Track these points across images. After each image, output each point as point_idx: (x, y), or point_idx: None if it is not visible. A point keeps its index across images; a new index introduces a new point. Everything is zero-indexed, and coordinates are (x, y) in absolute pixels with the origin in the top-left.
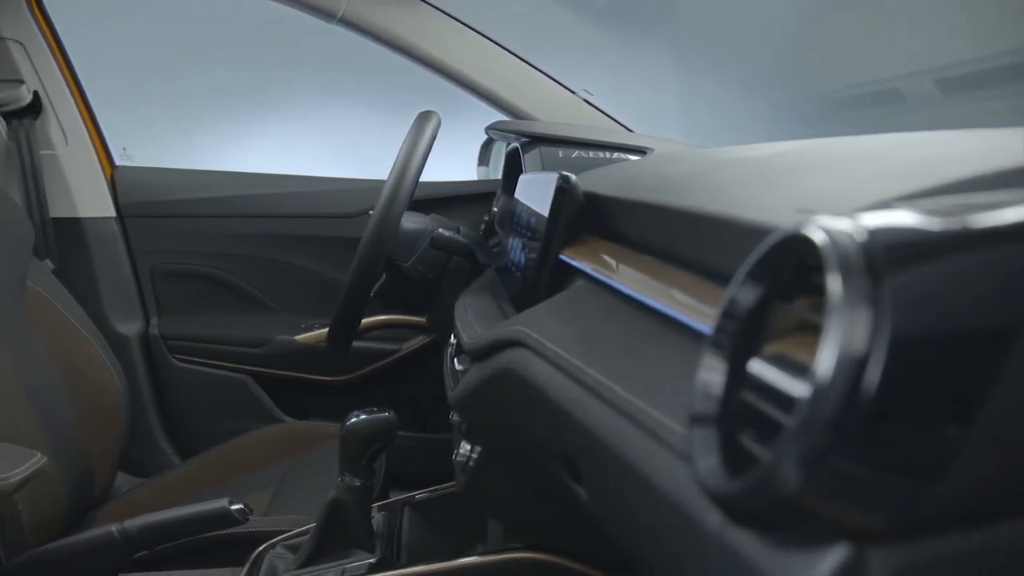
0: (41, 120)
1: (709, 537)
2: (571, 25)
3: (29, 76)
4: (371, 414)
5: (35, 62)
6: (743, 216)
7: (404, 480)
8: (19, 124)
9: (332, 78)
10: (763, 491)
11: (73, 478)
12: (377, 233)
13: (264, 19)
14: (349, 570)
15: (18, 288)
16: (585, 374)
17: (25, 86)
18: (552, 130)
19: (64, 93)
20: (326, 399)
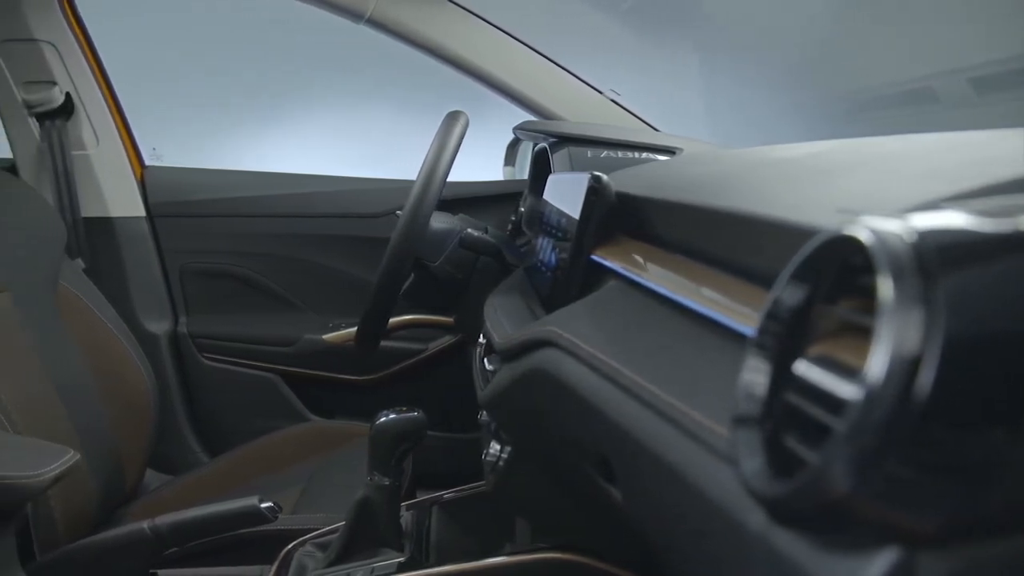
0: (73, 121)
1: (752, 538)
2: (598, 25)
3: (61, 77)
4: (400, 413)
5: (67, 63)
6: (783, 217)
7: (430, 480)
8: (51, 125)
9: (357, 79)
10: (812, 493)
11: (104, 475)
12: (406, 233)
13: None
14: (378, 569)
15: (50, 287)
16: (620, 374)
17: (57, 87)
18: (580, 130)
19: (95, 94)
20: (353, 398)
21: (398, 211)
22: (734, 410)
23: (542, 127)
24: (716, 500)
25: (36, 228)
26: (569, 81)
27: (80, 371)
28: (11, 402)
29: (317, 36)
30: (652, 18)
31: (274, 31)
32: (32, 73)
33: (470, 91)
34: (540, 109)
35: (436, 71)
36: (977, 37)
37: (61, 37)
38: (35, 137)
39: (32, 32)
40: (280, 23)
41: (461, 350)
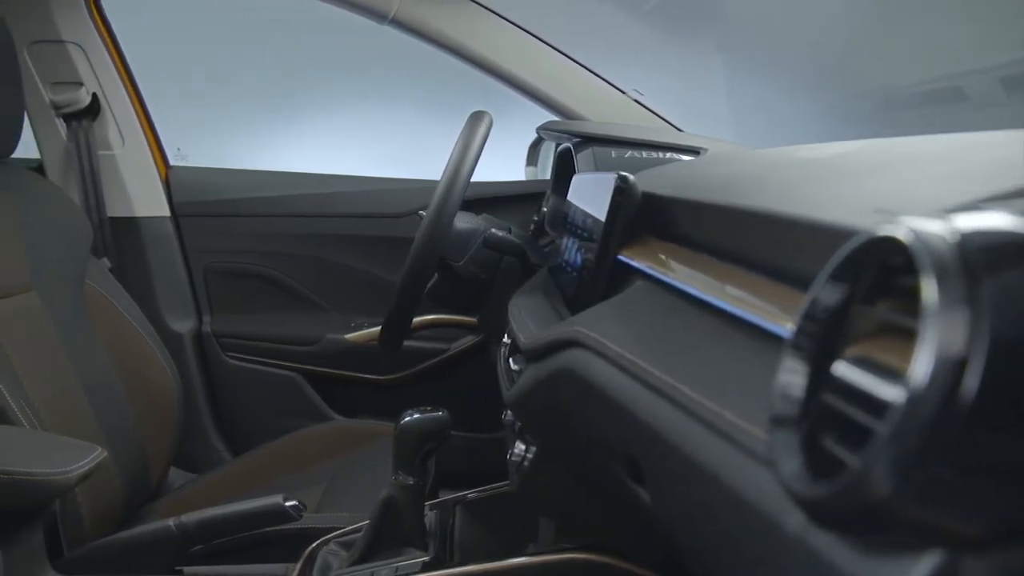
0: (99, 121)
1: (790, 540)
2: (621, 25)
3: (88, 78)
4: (425, 413)
5: (94, 64)
6: (817, 217)
7: (452, 479)
8: (78, 125)
9: (377, 79)
10: (853, 495)
11: (129, 473)
12: (430, 233)
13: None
14: (402, 568)
15: (77, 286)
16: (650, 374)
17: (84, 88)
18: (605, 130)
19: (121, 94)
20: (375, 397)
21: (421, 211)
22: (770, 411)
23: (566, 127)
24: (751, 501)
25: (63, 228)
26: (592, 81)
27: (106, 369)
28: (39, 400)
29: (339, 36)
30: (674, 18)
31: (295, 31)
32: (59, 74)
33: (491, 91)
34: (563, 109)
35: (457, 72)
36: (1006, 35)
37: (88, 38)
38: (62, 137)
39: (60, 33)
40: (302, 23)
41: (483, 350)
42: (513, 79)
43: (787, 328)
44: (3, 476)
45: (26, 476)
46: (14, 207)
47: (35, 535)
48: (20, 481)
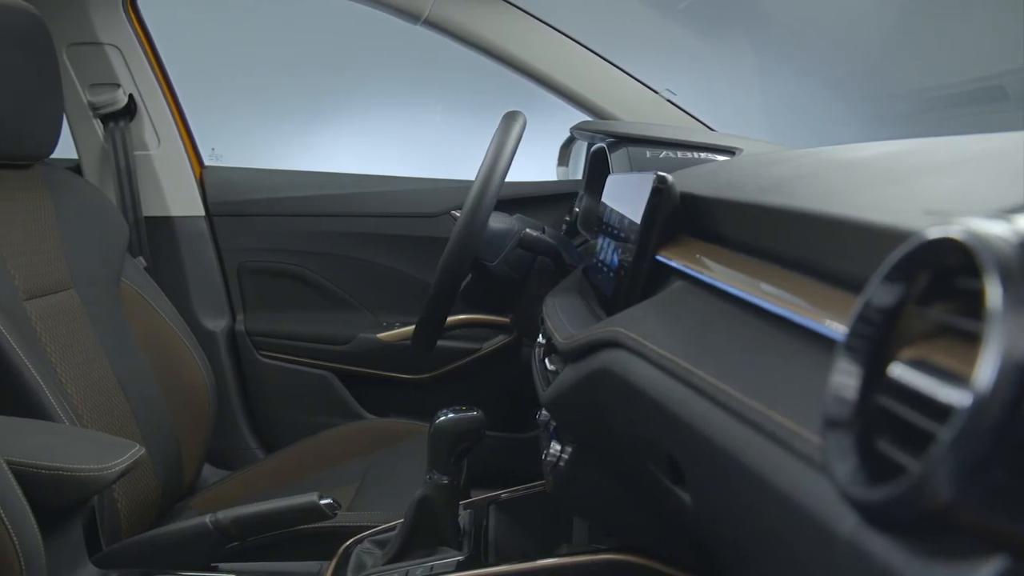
0: (135, 122)
1: (843, 544)
2: (654, 25)
3: (125, 79)
4: (459, 412)
5: (130, 66)
6: (868, 219)
7: (483, 479)
8: (115, 126)
9: (409, 79)
10: (914, 500)
11: (164, 470)
12: (465, 233)
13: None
14: (437, 567)
15: (114, 285)
16: (692, 374)
17: (121, 89)
18: (639, 130)
19: (157, 95)
20: (406, 396)
21: (453, 211)
22: (823, 413)
23: (600, 127)
24: (801, 503)
25: (100, 227)
26: (624, 81)
27: (142, 367)
28: (77, 396)
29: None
30: (708, 17)
31: (327, 31)
32: (97, 75)
33: (522, 92)
34: (595, 109)
35: (486, 72)
36: None
37: (125, 40)
38: (99, 138)
39: (98, 35)
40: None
41: (515, 350)
42: (545, 79)
43: (833, 329)
44: (45, 471)
45: (68, 472)
46: (53, 207)
47: (75, 530)
48: (62, 477)
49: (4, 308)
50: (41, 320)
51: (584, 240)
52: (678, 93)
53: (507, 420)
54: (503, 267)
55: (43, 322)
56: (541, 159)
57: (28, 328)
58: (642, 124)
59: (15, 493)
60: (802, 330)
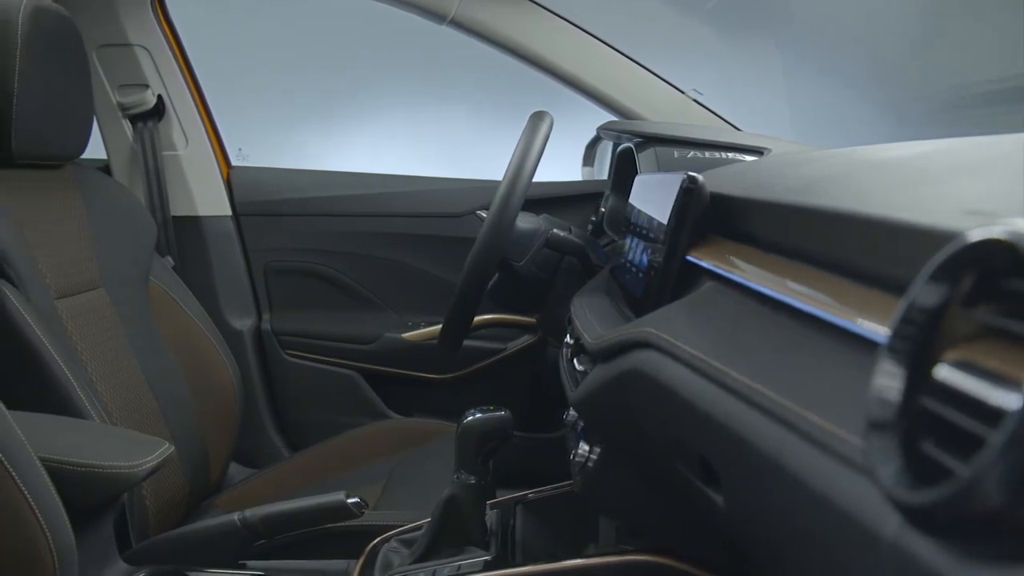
0: (164, 122)
1: (886, 547)
2: (680, 25)
3: (154, 80)
4: (487, 412)
5: (159, 67)
6: (906, 219)
7: (507, 478)
8: (144, 126)
9: (433, 79)
10: (963, 504)
11: (191, 468)
12: (493, 232)
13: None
14: (464, 567)
15: (142, 284)
16: (726, 375)
17: (150, 90)
18: (667, 130)
19: (185, 96)
20: (432, 396)
21: (479, 211)
22: (866, 415)
23: (628, 127)
24: (842, 505)
25: (129, 226)
26: (651, 80)
27: (170, 366)
28: (107, 394)
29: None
30: (734, 17)
31: (351, 31)
32: (126, 76)
33: (547, 92)
34: (621, 109)
35: (509, 72)
36: None
37: (154, 41)
38: (128, 138)
39: (127, 37)
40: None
41: (540, 350)
42: (571, 79)
43: (870, 329)
44: (77, 468)
45: (99, 469)
46: (84, 206)
47: (106, 527)
48: (93, 474)
49: (36, 307)
50: (72, 319)
51: (610, 240)
52: (704, 93)
53: (531, 420)
54: (530, 267)
55: (73, 321)
56: (565, 160)
57: (59, 327)
58: (670, 124)
59: (48, 490)
60: (836, 330)
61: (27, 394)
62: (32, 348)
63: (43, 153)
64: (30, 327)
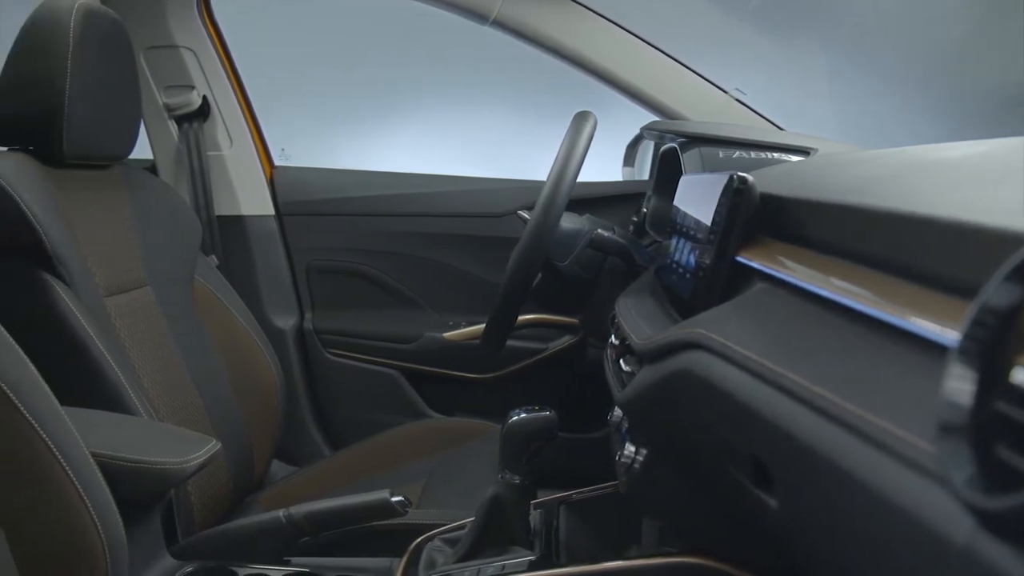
0: (208, 123)
1: (957, 551)
2: (723, 24)
3: (199, 81)
4: (532, 412)
5: (204, 68)
6: (973, 220)
7: (546, 479)
8: (189, 127)
9: (473, 80)
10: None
11: (235, 464)
12: (537, 232)
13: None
14: (509, 566)
15: (188, 283)
16: (782, 377)
17: (195, 91)
18: (712, 130)
19: (230, 97)
20: (472, 396)
21: (520, 211)
22: (937, 418)
23: (672, 127)
24: (909, 510)
25: (175, 226)
26: (693, 80)
27: (214, 364)
28: (153, 392)
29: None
30: (779, 16)
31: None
32: (172, 78)
33: (586, 93)
34: (664, 109)
35: (549, 72)
36: None
37: (200, 43)
38: (173, 139)
39: (174, 39)
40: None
41: (581, 351)
42: (614, 79)
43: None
44: (128, 463)
45: (149, 464)
46: (132, 206)
47: (154, 522)
48: (143, 469)
49: (87, 304)
50: (120, 317)
51: (653, 241)
52: (747, 92)
53: (571, 420)
54: (573, 267)
55: (122, 319)
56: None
57: (108, 324)
58: (714, 124)
59: (100, 484)
60: (895, 332)
61: (77, 389)
62: (83, 345)
63: (93, 154)
64: (81, 324)
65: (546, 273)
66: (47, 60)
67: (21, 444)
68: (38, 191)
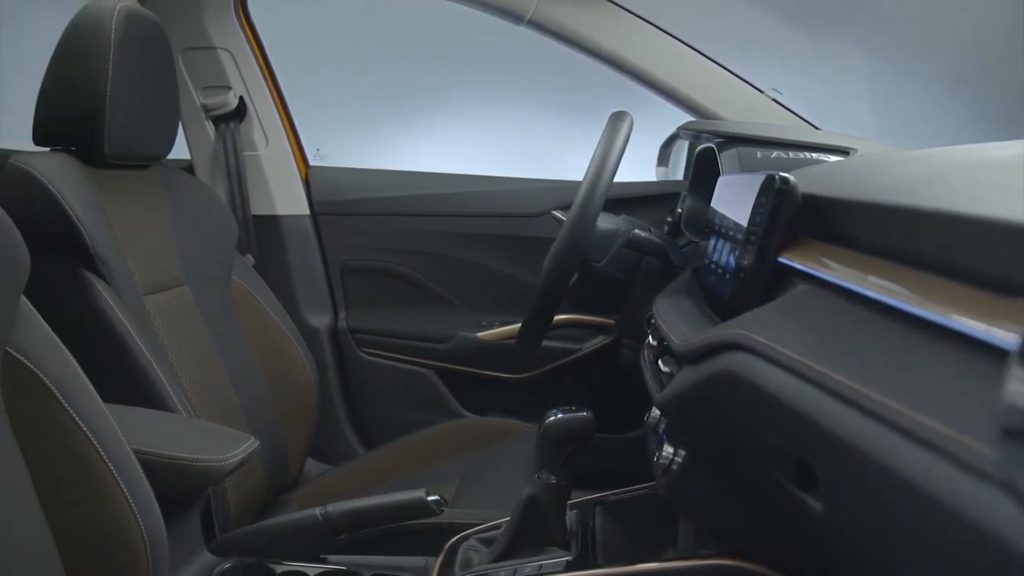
0: (245, 123)
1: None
2: (759, 24)
3: (236, 82)
4: (569, 412)
5: (241, 69)
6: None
7: (580, 479)
8: (226, 127)
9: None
10: None
11: (271, 462)
12: (575, 232)
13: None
14: (546, 566)
15: (224, 282)
16: (831, 380)
17: (232, 91)
18: (750, 130)
19: (266, 97)
20: (506, 396)
21: (554, 211)
22: (999, 423)
23: (709, 127)
24: (968, 516)
25: (212, 225)
26: (729, 80)
27: (250, 363)
28: (192, 390)
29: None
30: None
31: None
32: (210, 78)
33: (619, 94)
34: (700, 108)
35: (582, 73)
36: None
37: (236, 44)
38: (211, 139)
39: (211, 40)
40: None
41: (614, 351)
42: (649, 78)
43: (990, 333)
44: (168, 460)
45: (189, 461)
46: (170, 206)
47: (193, 517)
48: (183, 466)
49: (127, 303)
50: (158, 316)
51: (688, 241)
52: (783, 92)
53: (604, 421)
54: (610, 267)
55: (160, 318)
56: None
57: (147, 323)
58: (752, 124)
59: (141, 480)
60: (942, 332)
61: (118, 387)
62: (123, 343)
63: (133, 154)
64: (121, 322)
65: (582, 273)
66: (89, 62)
67: (65, 440)
68: (80, 191)
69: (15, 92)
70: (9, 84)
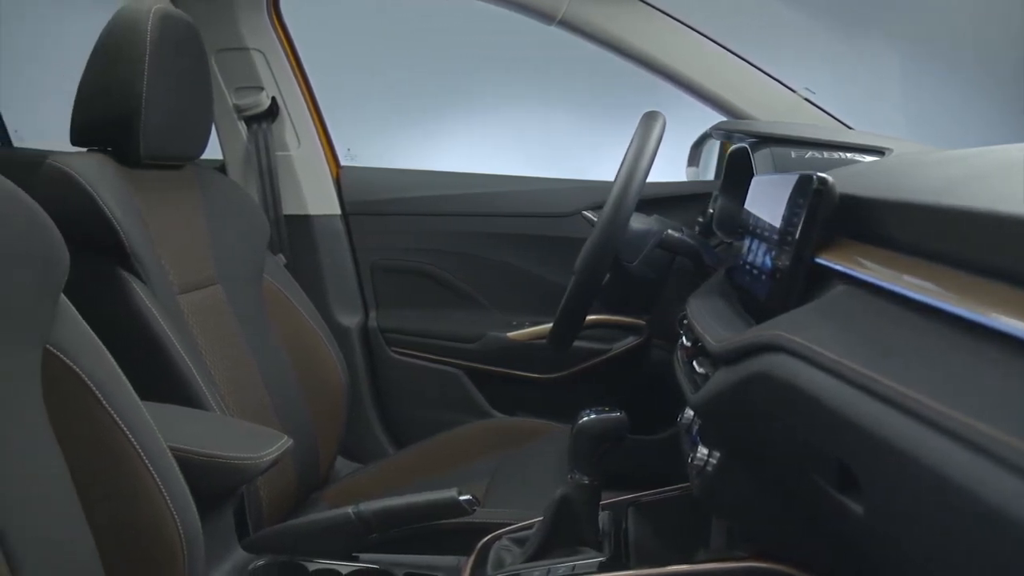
0: (277, 123)
1: None
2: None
3: (268, 82)
4: (602, 413)
5: (273, 69)
6: None
7: (610, 480)
8: (258, 127)
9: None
10: None
11: (302, 461)
12: (607, 232)
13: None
14: (579, 567)
15: (256, 281)
16: (873, 381)
17: (264, 92)
18: (784, 130)
19: (298, 97)
20: (535, 396)
21: (584, 211)
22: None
23: (742, 127)
24: (1014, 519)
25: (245, 225)
26: (761, 79)
27: (282, 362)
28: (225, 389)
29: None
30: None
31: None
32: (242, 79)
33: (644, 94)
34: (732, 109)
35: (611, 74)
36: None
37: (269, 44)
38: (243, 139)
39: (244, 41)
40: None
41: (644, 352)
42: (680, 78)
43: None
44: (203, 458)
45: (224, 459)
46: (203, 205)
47: (227, 515)
48: (218, 464)
49: (162, 302)
50: (192, 314)
51: (720, 241)
52: (816, 91)
53: (635, 422)
54: (642, 267)
55: (194, 316)
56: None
57: (182, 321)
58: (786, 124)
59: (177, 477)
60: (984, 332)
61: (154, 385)
62: (159, 341)
63: (168, 154)
64: (157, 321)
65: (614, 273)
66: (125, 64)
67: (103, 436)
68: (116, 190)
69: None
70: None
